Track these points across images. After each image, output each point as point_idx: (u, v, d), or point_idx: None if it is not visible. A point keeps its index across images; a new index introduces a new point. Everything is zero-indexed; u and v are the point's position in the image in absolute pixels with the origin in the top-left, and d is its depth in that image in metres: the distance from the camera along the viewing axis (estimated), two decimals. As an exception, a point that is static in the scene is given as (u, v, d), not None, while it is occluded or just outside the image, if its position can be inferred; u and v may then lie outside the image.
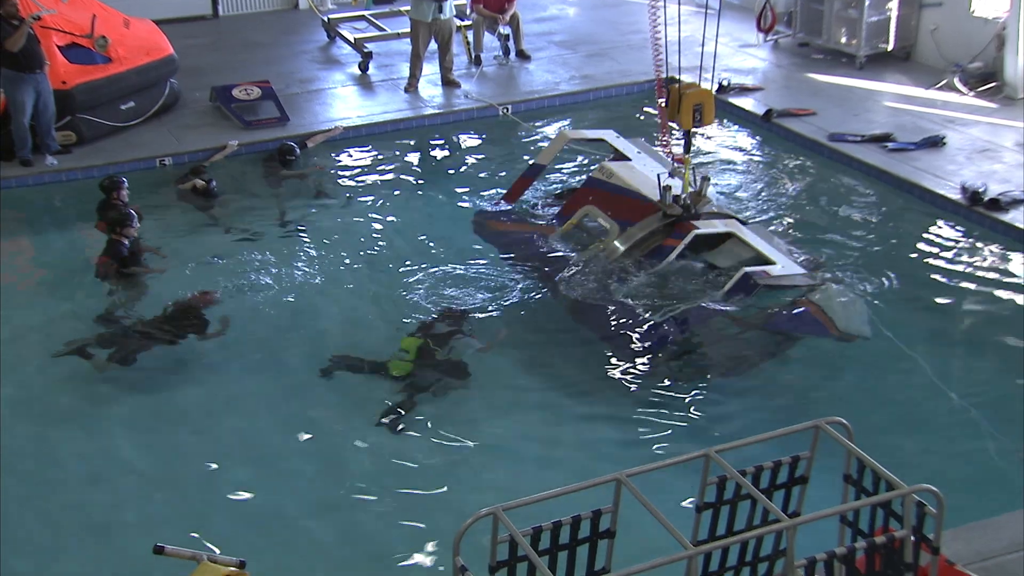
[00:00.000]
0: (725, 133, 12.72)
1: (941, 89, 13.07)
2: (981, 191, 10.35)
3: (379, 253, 10.19)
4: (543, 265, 9.03)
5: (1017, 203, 10.24)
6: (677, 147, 9.26)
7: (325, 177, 11.84)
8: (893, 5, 13.81)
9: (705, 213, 8.75)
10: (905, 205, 10.83)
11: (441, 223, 10.82)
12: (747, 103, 13.15)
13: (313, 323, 9.13)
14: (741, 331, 8.26)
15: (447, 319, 8.68)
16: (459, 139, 12.94)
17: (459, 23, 14.37)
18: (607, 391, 8.03)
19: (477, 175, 11.96)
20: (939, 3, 13.68)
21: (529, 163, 10.52)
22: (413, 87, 13.80)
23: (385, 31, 15.13)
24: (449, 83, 13.89)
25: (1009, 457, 7.23)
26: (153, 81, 12.86)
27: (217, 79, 13.65)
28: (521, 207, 10.08)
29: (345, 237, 10.49)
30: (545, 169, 10.23)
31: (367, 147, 12.57)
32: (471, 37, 14.73)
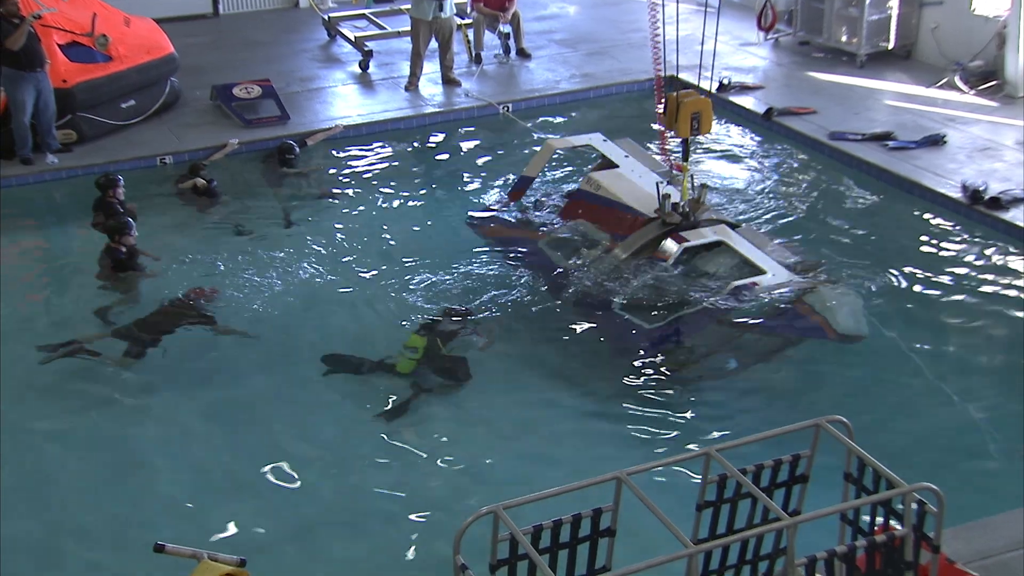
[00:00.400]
0: (725, 132, 12.72)
1: (942, 87, 13.06)
2: (982, 189, 10.35)
3: (379, 252, 10.19)
4: (543, 267, 9.04)
5: (1018, 201, 10.24)
6: (676, 154, 9.25)
7: (325, 176, 11.84)
8: (894, 3, 13.80)
9: (704, 220, 8.76)
10: (905, 204, 10.82)
11: (441, 222, 10.83)
12: (748, 102, 13.15)
13: (314, 322, 9.13)
14: (739, 334, 8.26)
15: (451, 317, 8.69)
16: (460, 137, 12.95)
17: (460, 21, 14.38)
18: (607, 391, 8.03)
19: (478, 173, 11.97)
20: (940, 1, 13.67)
21: (519, 175, 10.56)
22: (414, 85, 13.81)
23: (386, 29, 15.13)
24: (449, 81, 13.89)
25: (1009, 456, 7.23)
26: (154, 80, 12.87)
27: (218, 77, 13.65)
28: (518, 206, 10.10)
29: (346, 236, 10.49)
30: (534, 180, 10.25)
31: (368, 145, 12.57)
32: (471, 35, 14.74)
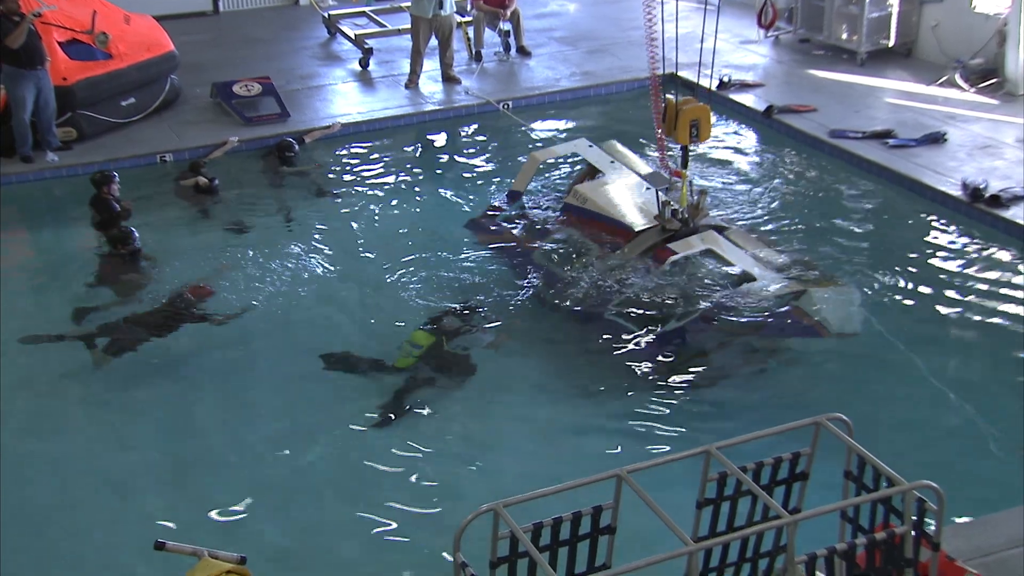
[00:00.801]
0: (726, 130, 12.71)
1: (942, 85, 13.05)
2: (982, 187, 10.34)
3: (379, 249, 10.18)
4: (541, 271, 9.06)
5: (1018, 199, 10.23)
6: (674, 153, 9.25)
7: (325, 173, 11.83)
8: (894, 1, 13.79)
9: (702, 226, 8.77)
10: (906, 202, 10.82)
11: (442, 220, 10.82)
12: (748, 99, 13.14)
13: (313, 319, 9.13)
14: (735, 338, 8.25)
15: (457, 314, 8.70)
16: (460, 135, 12.94)
17: (460, 19, 14.38)
18: (608, 389, 8.02)
19: (478, 171, 11.96)
20: (940, -1, 13.69)
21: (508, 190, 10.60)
22: (414, 83, 13.80)
23: (386, 27, 15.14)
24: (449, 79, 13.89)
25: (1009, 453, 7.22)
26: (154, 77, 12.87)
27: (218, 75, 13.65)
28: (516, 208, 10.11)
29: (346, 233, 10.49)
30: (522, 194, 10.27)
31: (368, 143, 12.57)
32: (471, 33, 14.74)
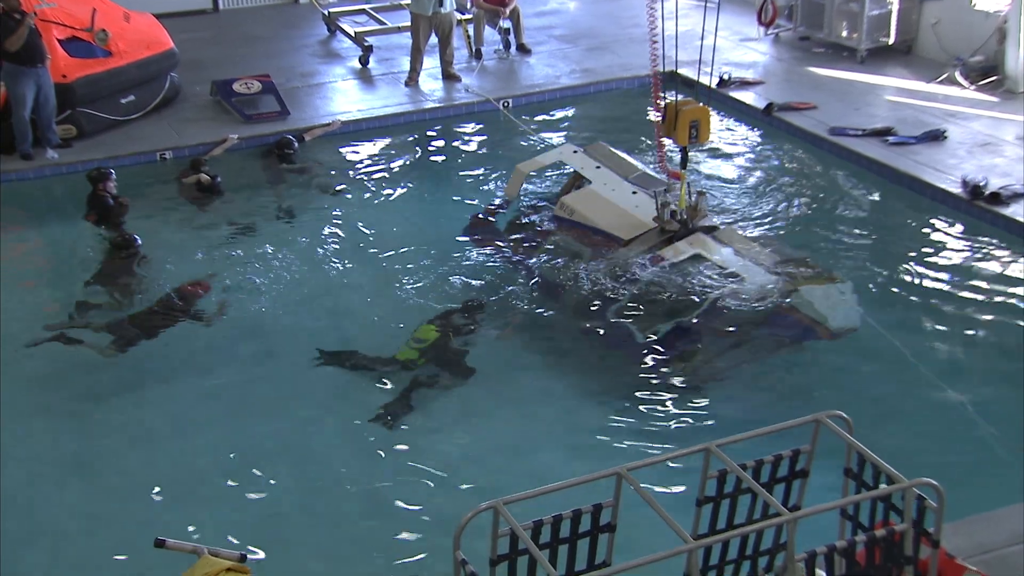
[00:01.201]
0: (726, 127, 12.71)
1: (942, 83, 13.05)
2: (982, 185, 10.34)
3: (379, 247, 10.18)
4: (539, 273, 9.06)
5: (1018, 197, 10.23)
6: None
7: (326, 171, 11.83)
8: (894, -1, 13.82)
9: (702, 227, 8.77)
10: (906, 199, 10.82)
11: (442, 218, 10.82)
12: (748, 97, 13.14)
13: (313, 316, 9.13)
14: (731, 339, 8.25)
15: (462, 311, 8.71)
16: (459, 133, 12.94)
17: (460, 17, 14.37)
18: (608, 388, 8.03)
19: (478, 169, 11.96)
20: (940, -3, 13.68)
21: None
22: (414, 81, 13.80)
23: (386, 25, 15.11)
24: (449, 77, 13.88)
25: (1009, 450, 7.23)
26: (153, 75, 12.86)
27: (217, 73, 13.64)
28: (512, 210, 10.12)
29: (345, 231, 10.49)
30: (511, 203, 10.30)
31: (368, 141, 12.57)
32: (471, 31, 14.73)
